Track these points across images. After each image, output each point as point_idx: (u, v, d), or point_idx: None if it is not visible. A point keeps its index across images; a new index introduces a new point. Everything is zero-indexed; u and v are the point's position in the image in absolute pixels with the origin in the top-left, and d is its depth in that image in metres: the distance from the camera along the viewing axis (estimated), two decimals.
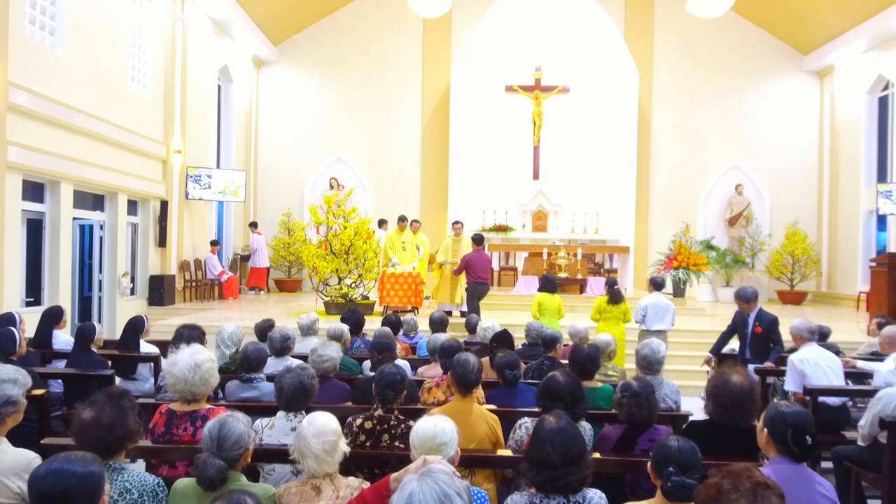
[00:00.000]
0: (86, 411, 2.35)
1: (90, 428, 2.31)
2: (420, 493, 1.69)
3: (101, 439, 2.31)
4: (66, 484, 1.77)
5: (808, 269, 15.88)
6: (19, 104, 7.91)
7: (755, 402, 3.33)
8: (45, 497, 1.76)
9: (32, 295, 8.80)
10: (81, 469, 1.81)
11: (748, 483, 1.73)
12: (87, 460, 1.84)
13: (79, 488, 1.77)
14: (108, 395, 2.42)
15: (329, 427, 2.47)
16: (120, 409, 2.38)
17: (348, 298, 10.62)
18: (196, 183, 12.76)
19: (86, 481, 1.79)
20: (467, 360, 3.42)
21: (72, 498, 1.75)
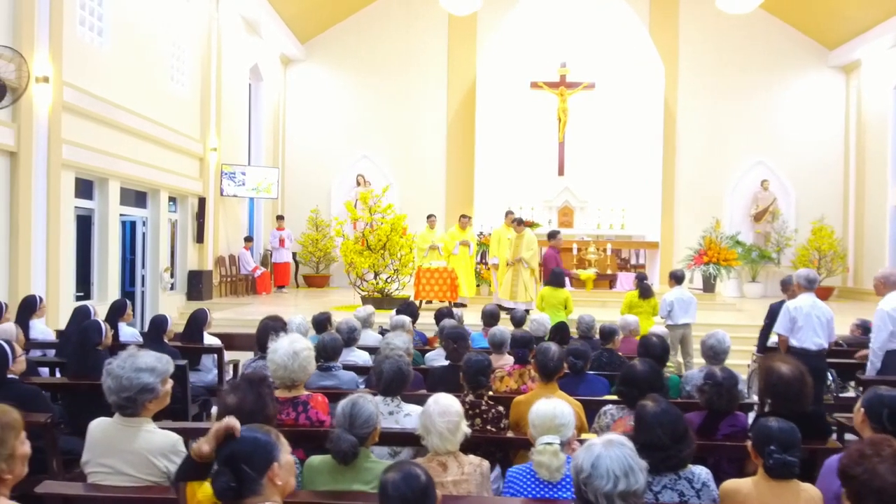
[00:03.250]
0: (229, 396, 2.51)
1: (234, 413, 2.47)
2: (607, 458, 1.82)
3: (249, 418, 2.47)
4: (242, 447, 1.90)
5: (835, 265, 15.88)
6: (72, 103, 8.13)
7: (809, 386, 3.45)
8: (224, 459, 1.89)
9: (82, 290, 9.02)
10: (258, 436, 1.94)
11: (888, 450, 1.88)
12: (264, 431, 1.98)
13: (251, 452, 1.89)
14: (249, 381, 2.58)
15: (453, 408, 2.62)
16: (260, 395, 2.54)
17: (384, 293, 10.79)
18: (230, 180, 12.97)
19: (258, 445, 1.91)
20: (548, 348, 3.56)
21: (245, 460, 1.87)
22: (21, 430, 1.91)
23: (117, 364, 2.63)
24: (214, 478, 1.87)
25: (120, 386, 2.58)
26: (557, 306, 8.24)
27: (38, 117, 7.45)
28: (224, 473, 1.84)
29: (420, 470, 1.92)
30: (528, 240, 10.63)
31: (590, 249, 12.78)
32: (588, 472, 1.83)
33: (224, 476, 1.84)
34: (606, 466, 1.82)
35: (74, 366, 4.58)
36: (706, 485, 2.48)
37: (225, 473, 1.84)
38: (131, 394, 2.57)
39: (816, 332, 5.73)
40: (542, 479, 2.51)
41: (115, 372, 2.60)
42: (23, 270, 7.29)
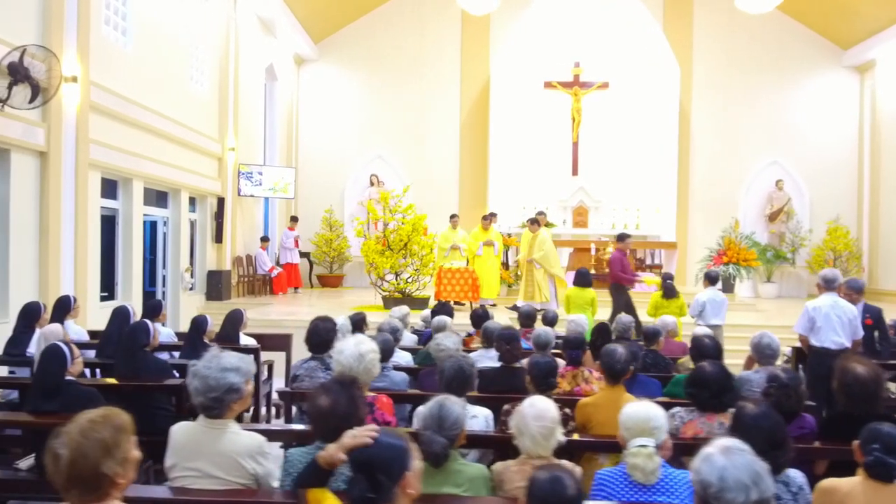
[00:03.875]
0: (321, 398, 2.47)
1: (328, 416, 2.44)
2: (734, 468, 1.74)
3: (338, 427, 2.44)
4: (379, 453, 1.87)
5: (851, 265, 15.85)
6: (99, 103, 8.10)
7: (882, 388, 3.44)
8: (360, 464, 1.86)
9: (105, 290, 9.00)
10: (395, 441, 1.91)
11: None
12: (399, 436, 1.94)
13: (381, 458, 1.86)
14: (340, 383, 2.55)
15: (549, 413, 2.59)
16: (352, 398, 2.50)
17: (405, 293, 10.76)
18: (248, 180, 12.94)
19: (396, 451, 1.88)
20: (615, 350, 3.53)
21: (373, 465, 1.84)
22: (133, 434, 1.88)
23: (203, 364, 2.60)
24: (350, 486, 1.83)
25: (207, 386, 2.54)
26: (584, 306, 8.21)
27: (66, 117, 7.42)
28: (360, 482, 1.80)
29: (571, 480, 1.87)
30: (540, 240, 10.61)
31: (608, 249, 12.72)
32: (718, 487, 1.74)
33: (360, 484, 1.79)
34: (735, 477, 1.75)
35: (122, 367, 4.55)
36: (802, 488, 2.46)
37: (361, 482, 1.80)
38: (218, 394, 2.54)
39: (836, 332, 5.79)
40: (635, 481, 2.48)
41: (202, 372, 2.57)
42: (52, 271, 7.26)
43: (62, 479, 1.73)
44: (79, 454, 1.73)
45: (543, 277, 10.60)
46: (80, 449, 1.73)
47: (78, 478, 1.72)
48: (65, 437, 1.75)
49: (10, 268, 6.79)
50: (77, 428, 1.77)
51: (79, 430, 1.77)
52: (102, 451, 1.75)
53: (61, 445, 1.74)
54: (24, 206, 6.97)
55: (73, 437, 1.75)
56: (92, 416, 1.82)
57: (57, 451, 1.74)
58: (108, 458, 1.76)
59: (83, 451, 1.73)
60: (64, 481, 1.73)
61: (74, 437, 1.75)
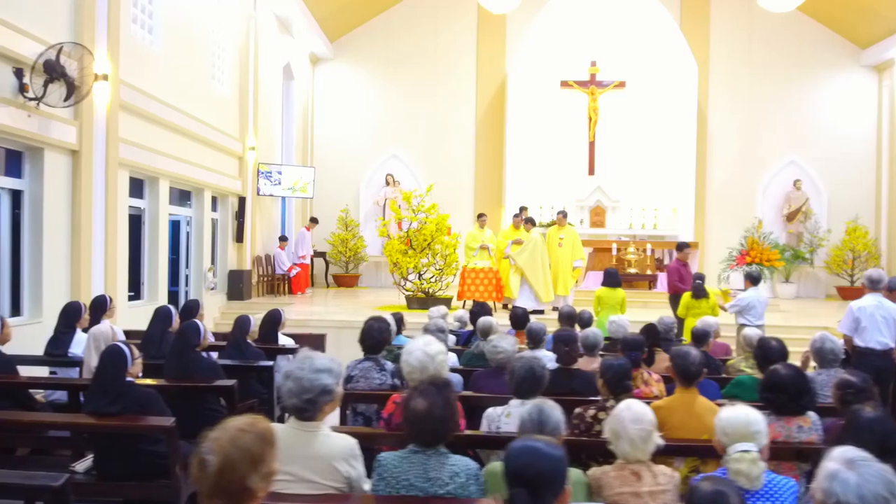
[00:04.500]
0: (418, 401, 2.41)
1: (425, 419, 2.38)
2: (867, 483, 1.64)
3: (435, 431, 2.39)
4: (541, 466, 1.81)
5: (870, 265, 15.75)
6: (127, 101, 8.05)
7: None
8: (520, 477, 1.80)
9: (132, 290, 8.95)
10: (555, 452, 1.85)
11: None
12: (555, 445, 1.89)
13: (547, 470, 1.80)
14: (435, 386, 2.49)
15: (647, 416, 2.53)
16: (448, 400, 2.45)
17: (428, 293, 10.71)
18: (267, 179, 12.90)
19: (558, 464, 1.82)
20: (688, 352, 3.47)
21: (537, 479, 1.78)
22: (276, 446, 1.81)
23: (296, 366, 2.54)
24: (510, 500, 1.76)
25: (301, 388, 2.48)
26: (614, 307, 8.15)
27: (97, 116, 7.38)
28: (521, 496, 1.73)
29: (735, 495, 1.80)
30: (528, 240, 10.64)
31: (629, 249, 12.69)
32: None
33: (521, 499, 1.72)
34: (873, 492, 1.63)
35: (173, 368, 4.50)
36: None
37: (522, 496, 1.73)
38: (312, 395, 2.48)
39: (881, 332, 5.82)
40: (740, 487, 2.42)
41: (296, 374, 2.51)
42: (84, 270, 7.21)
43: (207, 486, 1.66)
44: (227, 463, 1.66)
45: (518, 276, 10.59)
46: (228, 458, 1.66)
47: (224, 488, 1.65)
48: (213, 444, 1.68)
49: (43, 267, 6.74)
50: (227, 436, 1.70)
51: (228, 439, 1.70)
52: (250, 463, 1.69)
53: (209, 452, 1.67)
54: (56, 205, 6.93)
55: (223, 445, 1.68)
56: (240, 425, 1.75)
57: (204, 457, 1.67)
58: (254, 471, 1.69)
59: (232, 461, 1.66)
60: (209, 489, 1.66)
61: (224, 444, 1.68)
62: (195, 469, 1.67)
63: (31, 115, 6.33)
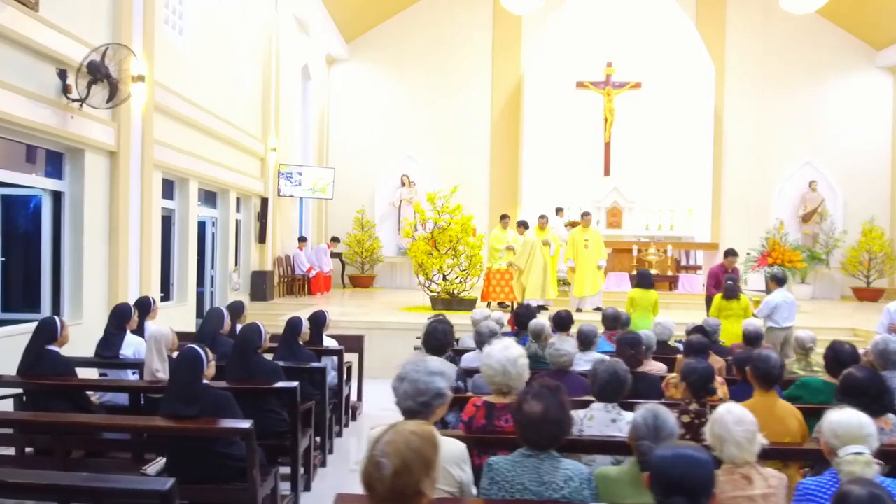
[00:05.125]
0: (532, 405, 2.41)
1: (542, 423, 2.38)
2: None
3: (551, 434, 2.40)
4: (699, 474, 1.82)
5: (886, 267, 15.79)
6: (161, 102, 8.05)
7: None
8: (679, 486, 1.81)
9: (162, 291, 8.95)
10: (707, 458, 1.85)
11: None
12: (703, 450, 1.89)
13: (703, 478, 1.80)
14: (549, 388, 2.50)
15: (748, 417, 2.54)
16: (562, 403, 2.46)
17: (453, 294, 10.71)
18: (287, 180, 12.90)
19: (712, 470, 1.83)
20: (769, 355, 3.48)
21: (696, 487, 1.79)
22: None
23: (412, 368, 2.55)
24: None
25: (417, 390, 2.49)
26: (647, 308, 8.16)
27: (134, 117, 7.38)
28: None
29: (889, 499, 1.81)
30: (524, 243, 10.62)
31: (650, 251, 12.69)
32: None
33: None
34: None
35: (235, 370, 4.50)
36: None
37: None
38: (427, 398, 2.49)
39: None
40: None
41: (412, 376, 2.51)
42: (122, 272, 7.21)
43: (383, 489, 1.65)
44: (404, 467, 1.66)
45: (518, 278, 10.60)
46: (406, 462, 1.66)
47: (400, 492, 1.65)
48: (389, 447, 1.68)
49: (84, 269, 6.74)
50: (401, 439, 1.70)
51: (404, 442, 1.70)
52: (424, 468, 1.68)
53: (383, 455, 1.67)
54: (96, 206, 6.93)
55: (399, 449, 1.68)
56: (412, 428, 1.75)
57: (380, 459, 1.66)
58: (426, 477, 1.69)
59: (409, 465, 1.66)
60: (384, 492, 1.65)
61: (400, 448, 1.68)
62: (370, 472, 1.67)
63: (74, 116, 6.33)
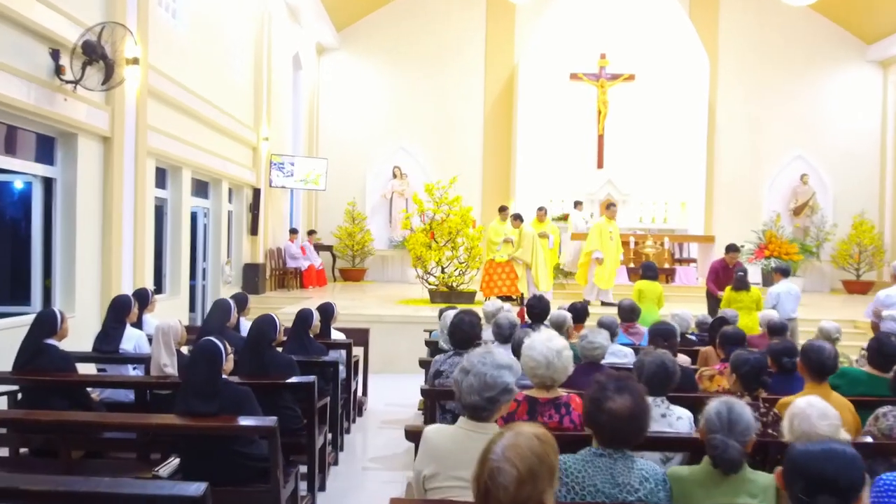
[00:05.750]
0: (617, 401, 2.21)
1: (629, 420, 2.19)
2: None
3: (637, 432, 2.22)
4: (852, 472, 1.66)
5: (876, 259, 15.89)
6: (155, 87, 7.74)
7: None
8: (831, 485, 1.65)
9: (155, 283, 8.63)
10: (857, 455, 1.70)
11: None
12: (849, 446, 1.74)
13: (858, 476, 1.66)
14: (627, 381, 2.30)
15: (831, 411, 2.39)
16: (644, 400, 2.27)
17: (451, 287, 10.52)
18: (279, 171, 12.60)
19: (862, 469, 1.67)
20: (822, 346, 3.34)
21: (850, 486, 1.63)
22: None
23: (478, 360, 2.34)
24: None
25: (484, 384, 2.28)
26: (654, 300, 8.05)
27: (128, 101, 7.07)
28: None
29: None
30: (523, 235, 10.49)
31: (647, 243, 12.61)
32: None
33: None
34: None
35: (248, 364, 4.26)
36: None
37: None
38: (494, 393, 2.29)
39: None
40: None
41: (479, 369, 2.31)
42: (115, 263, 6.92)
43: (506, 499, 1.45)
44: (529, 475, 1.46)
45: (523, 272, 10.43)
46: (531, 469, 1.46)
47: (523, 502, 1.45)
48: (511, 452, 1.48)
49: (76, 260, 6.43)
50: (526, 443, 1.50)
51: (529, 447, 1.49)
52: (549, 476, 1.49)
53: (503, 460, 1.46)
54: (88, 194, 6.62)
55: (524, 454, 1.47)
56: (534, 432, 1.55)
57: (501, 465, 1.46)
58: (550, 486, 1.50)
59: (534, 473, 1.46)
60: (506, 502, 1.45)
61: (525, 453, 1.48)
62: (487, 480, 1.47)
63: (67, 98, 6.02)
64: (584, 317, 6.09)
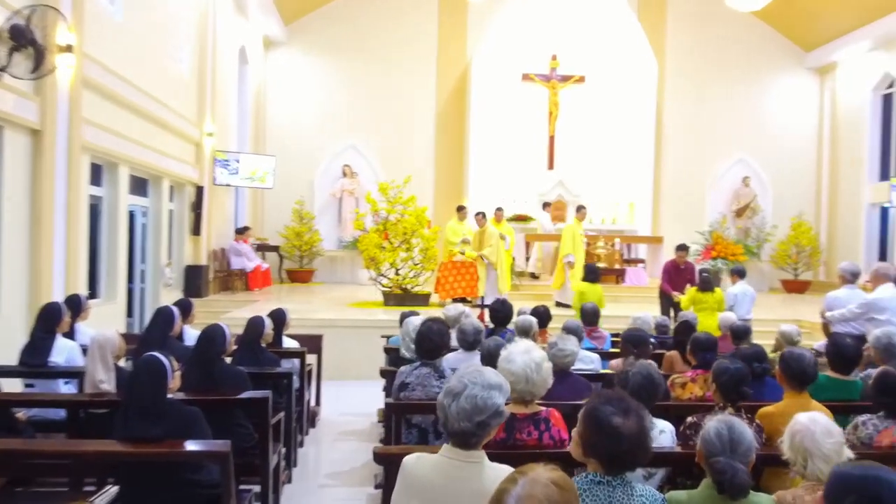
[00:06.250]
0: (618, 421, 2.00)
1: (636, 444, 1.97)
2: None
3: (642, 456, 2.03)
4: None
5: (813, 260, 16.45)
6: (90, 77, 7.21)
7: None
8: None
9: (89, 287, 8.07)
10: None
11: None
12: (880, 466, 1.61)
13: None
14: (626, 399, 2.11)
15: (835, 427, 2.27)
16: (645, 420, 2.09)
17: (405, 289, 10.28)
18: (224, 168, 12.08)
19: None
20: (802, 354, 3.27)
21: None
22: None
23: (469, 381, 2.10)
24: None
25: (475, 408, 2.06)
26: (595, 302, 7.99)
27: (60, 92, 6.55)
28: None
29: None
30: (489, 234, 10.46)
31: (599, 244, 12.66)
32: None
33: None
34: None
35: (196, 379, 3.92)
36: None
37: None
38: (485, 417, 2.07)
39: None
40: None
41: (471, 391, 2.08)
42: (45, 266, 6.39)
43: None
44: None
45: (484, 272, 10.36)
46: None
47: None
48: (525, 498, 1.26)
49: (1, 263, 5.90)
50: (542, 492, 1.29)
51: (547, 498, 1.29)
52: None
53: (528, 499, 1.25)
54: (15, 192, 6.08)
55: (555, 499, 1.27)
56: (552, 477, 1.35)
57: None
58: None
59: None
60: None
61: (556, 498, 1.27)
62: None
63: None
64: (547, 321, 5.96)
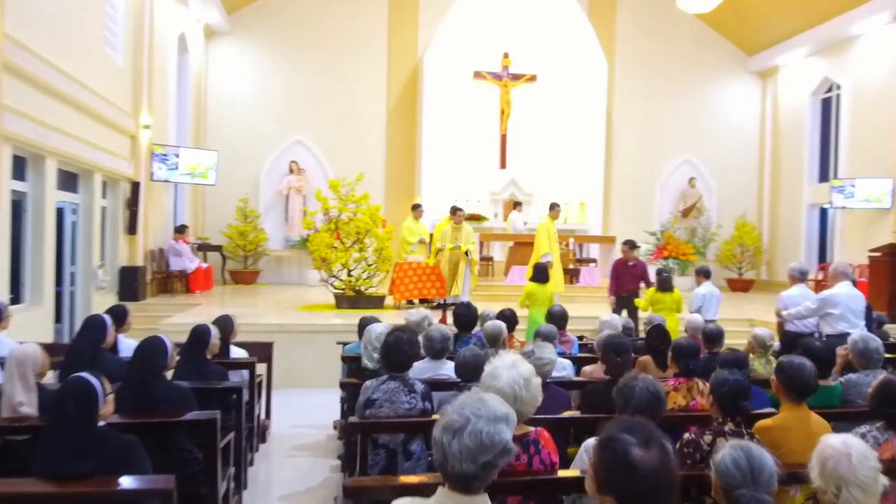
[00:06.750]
0: (645, 457, 1.70)
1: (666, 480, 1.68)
2: None
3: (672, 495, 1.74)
4: None
5: (757, 259, 16.83)
6: (12, 61, 6.53)
7: None
8: None
9: (12, 291, 7.36)
10: None
11: None
12: None
13: None
14: (648, 427, 1.82)
15: (872, 452, 2.05)
16: (671, 450, 1.80)
17: (358, 291, 9.87)
18: (162, 163, 11.37)
19: None
20: (802, 364, 3.07)
21: None
22: None
23: (471, 412, 1.77)
24: None
25: (480, 446, 1.72)
26: (545, 303, 7.81)
27: None
28: None
29: None
30: (468, 231, 10.26)
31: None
32: None
33: None
34: None
35: (133, 400, 3.46)
36: None
37: None
38: (491, 456, 1.74)
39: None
40: None
41: (475, 426, 1.74)
42: None
43: None
44: None
45: (463, 270, 10.13)
46: None
47: None
48: None
49: None
50: None
51: None
52: None
53: None
54: None
55: None
56: None
57: None
58: None
59: None
60: None
61: None
62: None
63: None
64: (514, 325, 5.70)
